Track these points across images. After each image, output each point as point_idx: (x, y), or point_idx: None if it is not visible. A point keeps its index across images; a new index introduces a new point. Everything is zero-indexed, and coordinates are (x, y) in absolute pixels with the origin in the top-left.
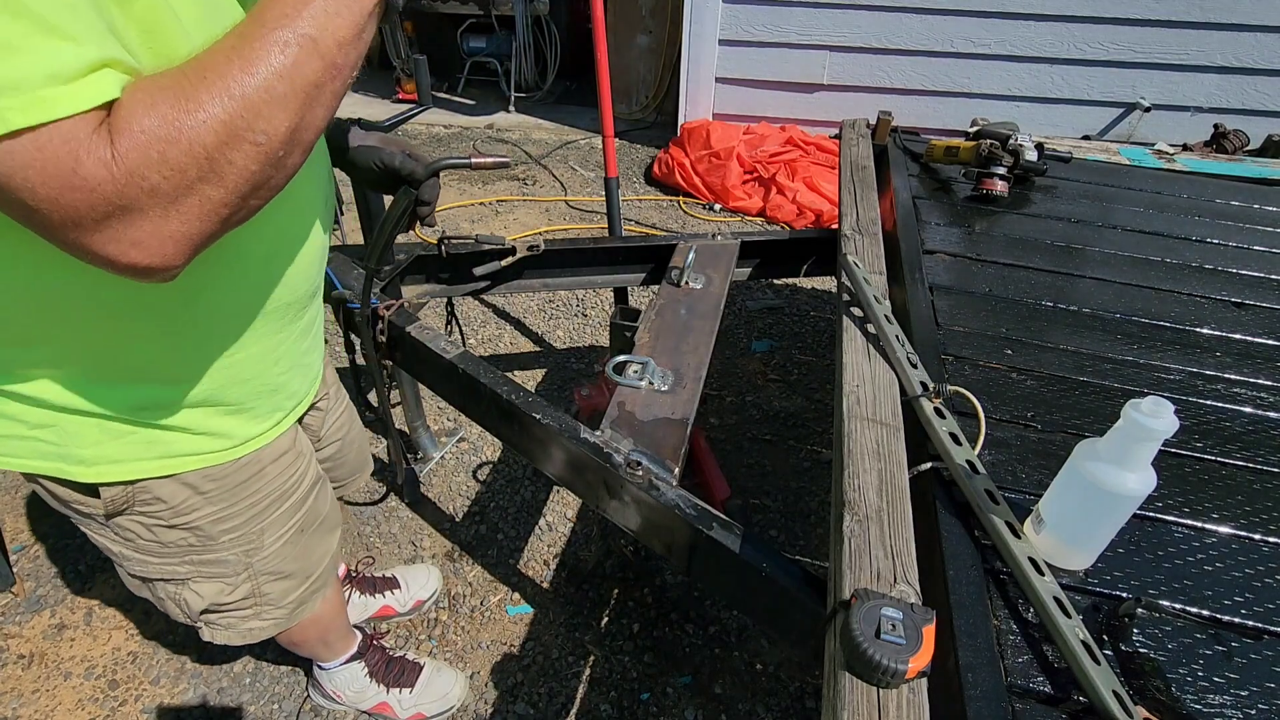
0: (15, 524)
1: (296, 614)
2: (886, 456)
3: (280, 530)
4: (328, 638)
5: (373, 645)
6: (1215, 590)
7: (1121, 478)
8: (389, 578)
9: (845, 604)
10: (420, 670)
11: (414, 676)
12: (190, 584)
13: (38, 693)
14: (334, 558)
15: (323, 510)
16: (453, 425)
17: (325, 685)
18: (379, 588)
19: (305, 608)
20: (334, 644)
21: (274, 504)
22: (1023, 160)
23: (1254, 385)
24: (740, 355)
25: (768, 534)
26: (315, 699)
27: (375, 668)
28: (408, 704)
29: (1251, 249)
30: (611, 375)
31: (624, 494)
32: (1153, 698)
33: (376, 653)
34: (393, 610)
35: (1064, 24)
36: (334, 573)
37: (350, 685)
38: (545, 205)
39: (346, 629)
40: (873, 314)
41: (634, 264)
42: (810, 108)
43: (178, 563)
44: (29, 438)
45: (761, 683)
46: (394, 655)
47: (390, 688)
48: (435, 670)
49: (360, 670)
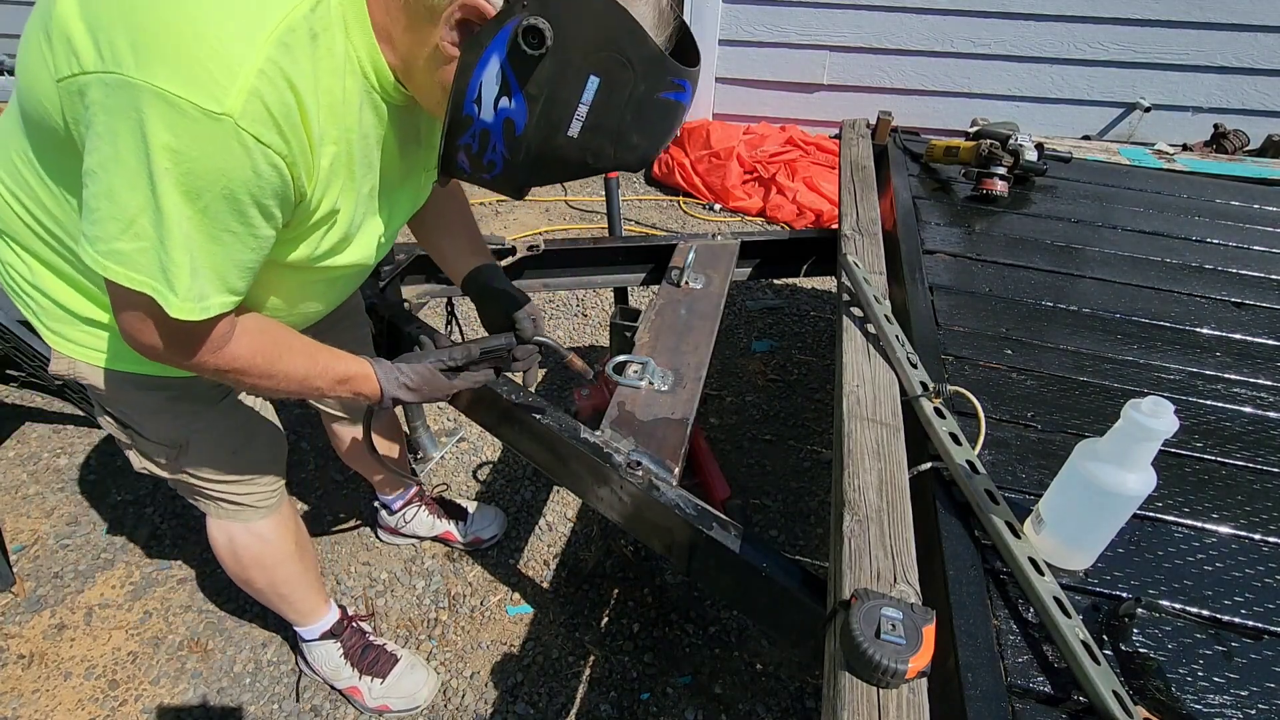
0: (15, 524)
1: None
2: (886, 456)
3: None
4: (280, 589)
5: (350, 626)
6: (1215, 590)
7: (1121, 478)
8: (460, 507)
9: (845, 604)
10: (395, 663)
11: (388, 668)
12: (130, 451)
13: (38, 693)
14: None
15: (257, 435)
16: (453, 425)
17: (307, 655)
18: (448, 513)
19: (238, 513)
20: (294, 601)
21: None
22: (1023, 160)
23: (1254, 385)
24: (740, 355)
25: (768, 534)
26: (302, 667)
27: (351, 650)
28: (376, 694)
29: (1251, 249)
30: (611, 375)
31: (624, 494)
32: (1153, 698)
33: (355, 635)
34: (453, 537)
35: (1064, 24)
36: (271, 509)
37: (326, 662)
38: (545, 205)
39: (309, 589)
40: (873, 314)
41: (634, 264)
42: (810, 108)
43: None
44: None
45: (761, 683)
46: (373, 642)
47: (363, 674)
48: (409, 666)
49: (335, 649)
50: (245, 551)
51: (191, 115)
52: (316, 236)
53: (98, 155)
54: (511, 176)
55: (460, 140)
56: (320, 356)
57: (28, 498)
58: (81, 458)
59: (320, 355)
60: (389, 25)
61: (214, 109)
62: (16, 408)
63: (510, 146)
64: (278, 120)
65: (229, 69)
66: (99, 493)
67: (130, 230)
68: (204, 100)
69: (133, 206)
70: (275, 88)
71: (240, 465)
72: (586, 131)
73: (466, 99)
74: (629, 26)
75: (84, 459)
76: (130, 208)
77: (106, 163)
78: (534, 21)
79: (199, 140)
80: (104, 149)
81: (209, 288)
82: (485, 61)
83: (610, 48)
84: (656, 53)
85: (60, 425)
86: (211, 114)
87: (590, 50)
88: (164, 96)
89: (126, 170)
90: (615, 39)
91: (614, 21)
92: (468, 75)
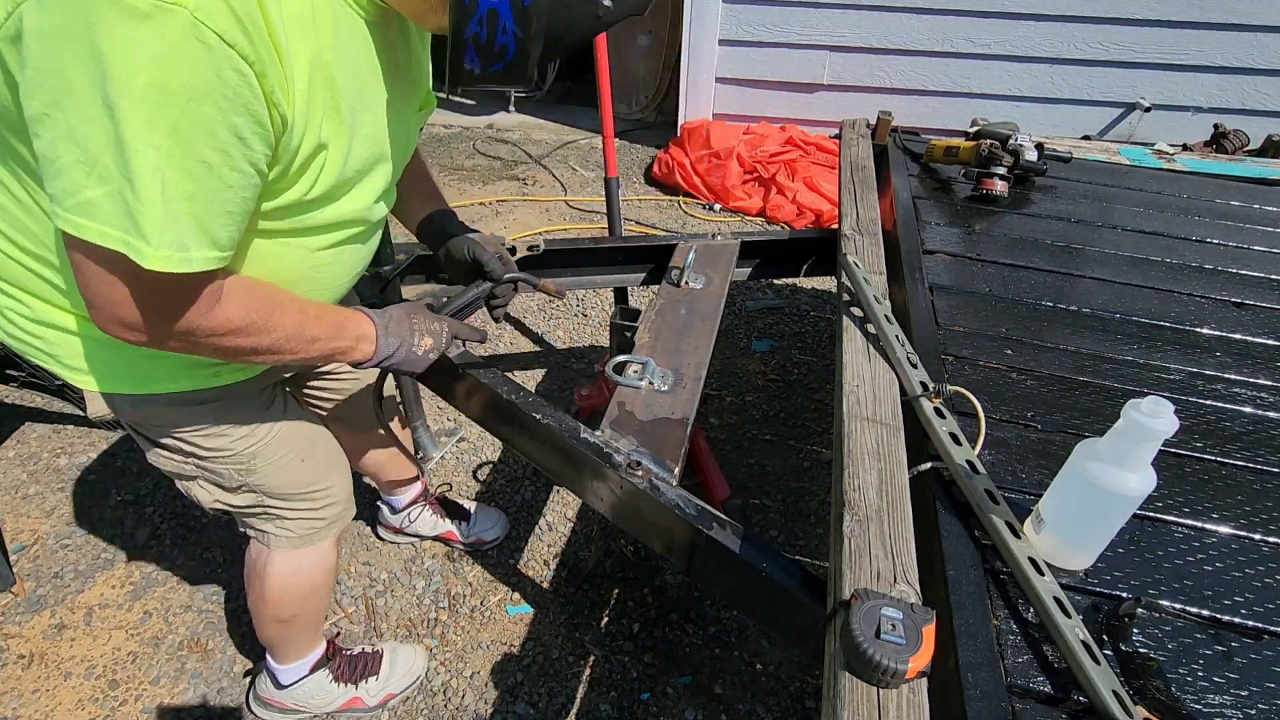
0: (15, 524)
1: (311, 533)
2: (886, 456)
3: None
4: (314, 619)
5: (336, 651)
6: (1215, 590)
7: (1121, 478)
8: (462, 508)
9: (845, 604)
10: (380, 656)
11: (377, 664)
12: (198, 482)
13: (38, 693)
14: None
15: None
16: (453, 425)
17: (285, 703)
18: (451, 513)
19: (321, 529)
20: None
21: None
22: (1023, 160)
23: (1254, 385)
24: (740, 355)
25: (768, 534)
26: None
27: (339, 671)
28: (376, 690)
29: (1251, 249)
30: (611, 375)
31: (624, 494)
32: (1153, 698)
33: (338, 658)
34: (455, 537)
35: (1064, 24)
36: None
37: (315, 695)
38: (545, 205)
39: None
40: (873, 314)
41: (634, 264)
42: (810, 108)
43: (182, 461)
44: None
45: (761, 683)
46: (353, 654)
47: (358, 683)
48: (393, 651)
49: (326, 678)
50: (308, 581)
51: (141, 10)
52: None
53: (45, 93)
54: (524, 56)
55: (468, 30)
56: (309, 306)
57: (28, 498)
58: (81, 458)
59: (309, 305)
60: None
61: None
62: (16, 408)
63: (520, 19)
64: (239, 16)
65: None
66: (99, 493)
67: (95, 172)
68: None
69: (94, 143)
70: None
71: (313, 473)
72: None
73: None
74: None
75: (84, 459)
76: (93, 144)
77: (57, 98)
78: None
79: (152, 42)
80: (51, 82)
81: (189, 236)
82: None
83: None
84: None
85: (60, 425)
86: (163, 6)
87: None
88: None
89: (79, 100)
90: None
91: None
92: None
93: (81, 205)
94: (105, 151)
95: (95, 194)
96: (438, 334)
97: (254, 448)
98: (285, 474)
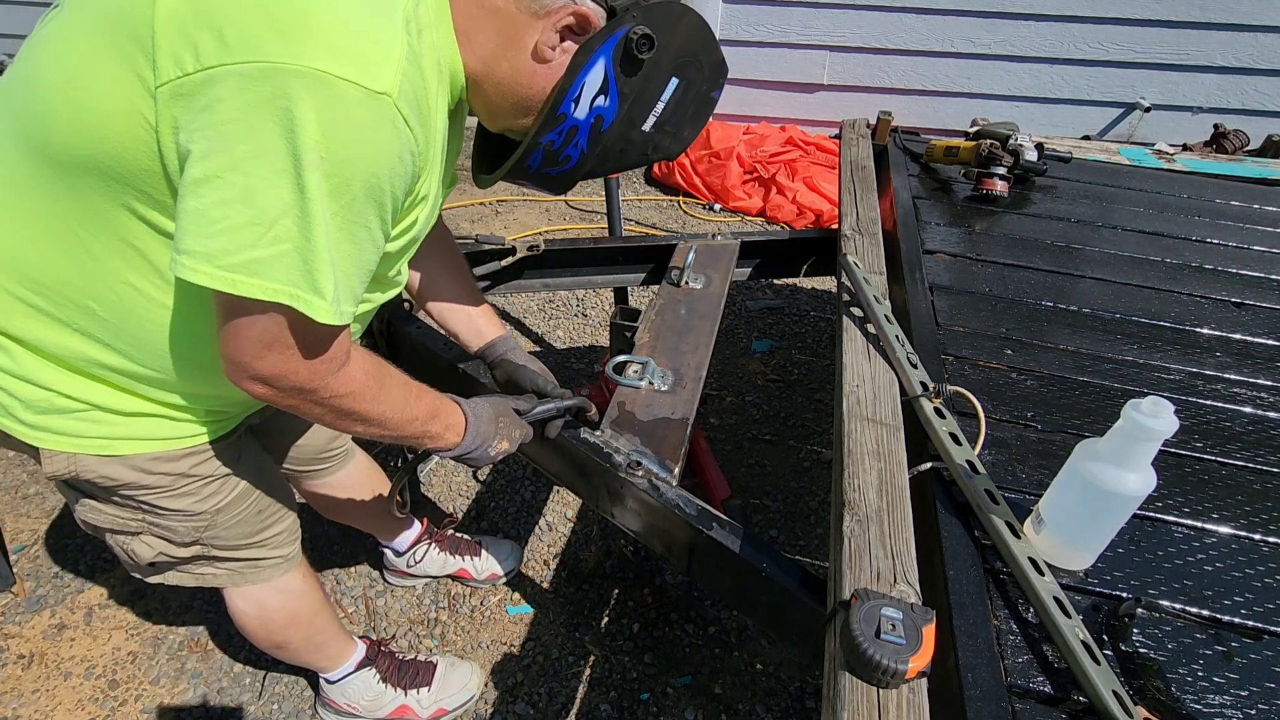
0: (15, 524)
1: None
2: (886, 456)
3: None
4: (315, 638)
5: (381, 651)
6: (1215, 590)
7: (1121, 478)
8: (473, 543)
9: (845, 604)
10: (434, 668)
11: (429, 675)
12: (141, 537)
13: (38, 693)
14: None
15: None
16: None
17: (338, 701)
18: (460, 549)
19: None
20: (327, 648)
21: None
22: (1023, 160)
23: (1254, 385)
24: (740, 355)
25: (768, 534)
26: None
27: (387, 673)
28: (428, 701)
29: (1251, 249)
30: (611, 375)
31: (624, 494)
32: (1153, 698)
33: (386, 659)
34: (469, 574)
35: (1064, 24)
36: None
37: (364, 694)
38: (545, 205)
39: (338, 631)
40: (873, 314)
41: (634, 264)
42: (810, 108)
43: (129, 517)
44: None
45: (761, 683)
46: (405, 659)
47: (408, 689)
48: (450, 665)
49: (372, 677)
50: (278, 614)
51: (351, 98)
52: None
53: (226, 156)
54: (578, 169)
55: (545, 137)
56: (411, 383)
57: (28, 498)
58: None
59: (411, 382)
60: (470, 27)
61: (376, 88)
62: None
63: (592, 140)
64: (419, 105)
65: (382, 48)
66: None
67: (270, 234)
68: (365, 79)
69: (274, 207)
70: (414, 70)
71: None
72: (657, 125)
73: (567, 97)
74: (708, 38)
75: None
76: (271, 209)
77: (241, 162)
78: (646, 30)
79: (354, 125)
80: (238, 148)
81: (343, 293)
82: (593, 64)
83: (691, 54)
84: (722, 59)
85: None
86: (373, 94)
87: (677, 56)
88: (321, 79)
89: (268, 167)
90: (697, 48)
91: (700, 33)
92: (574, 75)
93: (245, 264)
94: (286, 214)
95: (265, 253)
96: (515, 440)
97: (220, 504)
98: (243, 521)
